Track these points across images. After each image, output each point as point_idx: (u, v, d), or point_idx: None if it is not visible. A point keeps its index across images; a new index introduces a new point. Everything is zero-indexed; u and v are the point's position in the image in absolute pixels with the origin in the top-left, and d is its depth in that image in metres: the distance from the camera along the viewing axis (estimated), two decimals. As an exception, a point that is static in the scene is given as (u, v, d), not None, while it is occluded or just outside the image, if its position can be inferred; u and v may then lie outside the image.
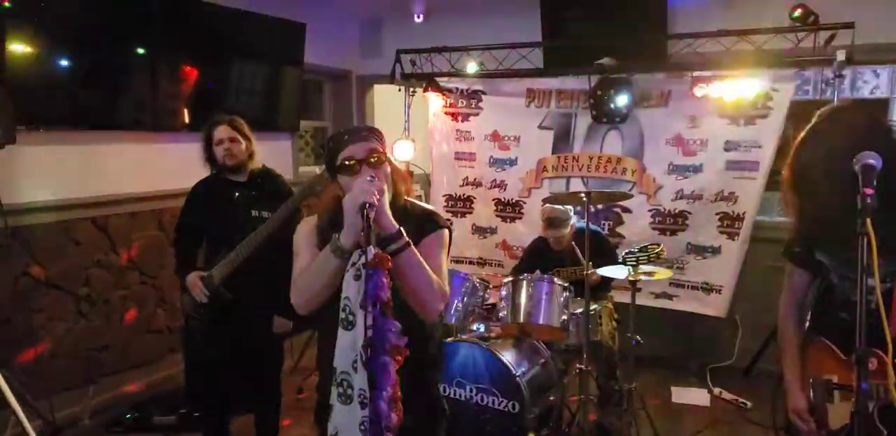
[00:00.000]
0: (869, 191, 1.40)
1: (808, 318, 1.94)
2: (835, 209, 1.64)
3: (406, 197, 1.84)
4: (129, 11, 3.75)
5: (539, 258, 3.84)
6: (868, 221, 1.36)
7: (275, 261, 2.71)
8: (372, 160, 1.68)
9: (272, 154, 5.18)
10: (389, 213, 1.59)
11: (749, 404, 3.94)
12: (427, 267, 1.64)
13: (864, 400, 1.38)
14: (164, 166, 4.11)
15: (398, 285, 1.59)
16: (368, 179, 1.59)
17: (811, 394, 1.81)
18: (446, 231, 1.82)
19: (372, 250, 1.46)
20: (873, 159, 1.45)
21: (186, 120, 4.24)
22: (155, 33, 3.89)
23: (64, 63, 3.46)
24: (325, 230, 1.74)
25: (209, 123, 2.96)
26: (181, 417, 3.62)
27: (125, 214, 3.97)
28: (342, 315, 1.51)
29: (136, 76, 3.88)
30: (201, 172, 3.08)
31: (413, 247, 1.62)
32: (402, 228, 1.60)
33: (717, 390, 4.14)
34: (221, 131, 2.91)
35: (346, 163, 1.68)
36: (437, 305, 1.70)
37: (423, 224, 1.78)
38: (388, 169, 1.74)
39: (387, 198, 1.61)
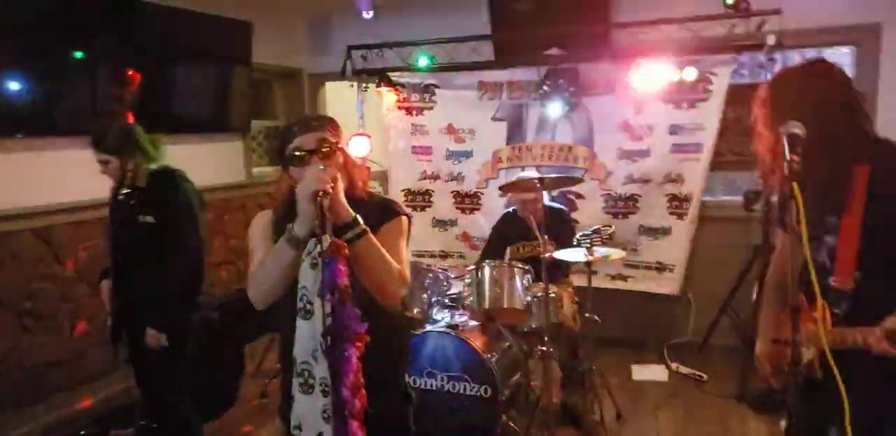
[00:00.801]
0: (795, 157, 1.49)
1: None
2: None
3: (363, 187, 1.83)
4: (66, 13, 3.62)
5: (507, 232, 3.91)
6: (795, 185, 1.44)
7: (150, 272, 2.72)
8: (323, 150, 1.67)
9: (223, 156, 5.17)
10: (344, 200, 1.60)
11: (705, 376, 4.09)
12: (386, 254, 1.65)
13: (799, 349, 1.47)
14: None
15: (357, 273, 1.60)
16: (321, 167, 1.59)
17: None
18: (405, 218, 1.83)
19: (328, 238, 1.47)
20: (798, 128, 1.55)
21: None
22: (95, 36, 3.79)
23: (-4, 69, 3.35)
24: (281, 223, 1.72)
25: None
26: (140, 429, 3.55)
27: (68, 223, 3.85)
28: (300, 305, 1.53)
29: (76, 81, 3.78)
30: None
31: (370, 234, 1.62)
32: (358, 216, 1.61)
33: (674, 366, 4.28)
34: (93, 151, 2.74)
35: (296, 154, 1.67)
36: (399, 291, 1.71)
37: (381, 212, 1.78)
38: (341, 158, 1.74)
39: (341, 186, 1.61)
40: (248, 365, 4.08)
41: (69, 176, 3.83)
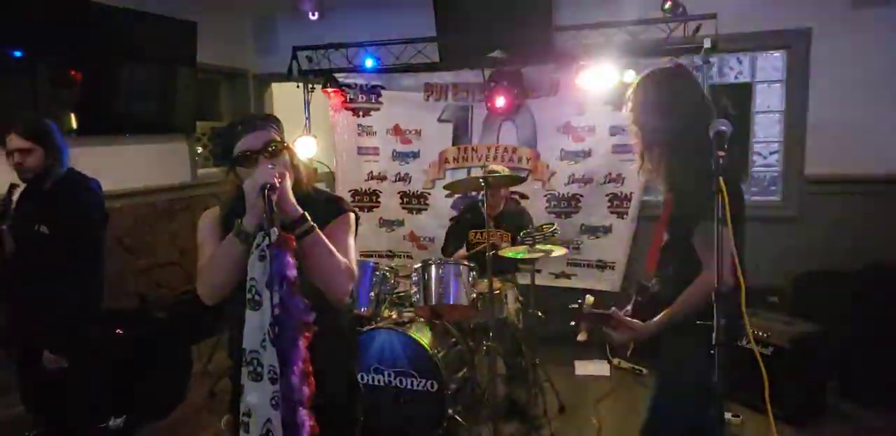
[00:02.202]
0: (721, 153, 1.60)
1: None
2: None
3: (309, 184, 1.87)
4: (6, 10, 3.54)
5: (471, 218, 4.04)
6: (721, 179, 1.56)
7: (44, 285, 2.57)
8: (270, 150, 1.71)
9: (168, 157, 5.11)
10: (292, 197, 1.64)
11: (644, 370, 4.24)
12: (334, 249, 1.70)
13: (722, 333, 1.59)
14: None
15: (306, 269, 1.64)
16: (269, 166, 1.63)
17: None
18: (352, 215, 1.88)
19: (275, 231, 1.52)
20: (724, 126, 1.66)
21: (74, 125, 4.11)
22: (35, 34, 3.72)
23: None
24: (228, 220, 1.74)
25: (2, 130, 2.65)
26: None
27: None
28: (249, 296, 1.56)
29: (14, 81, 3.69)
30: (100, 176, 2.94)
31: (318, 230, 1.67)
32: (305, 213, 1.66)
33: (615, 361, 4.42)
34: (12, 140, 2.60)
35: (245, 154, 1.71)
36: (346, 285, 1.75)
37: (328, 209, 1.83)
38: (287, 157, 1.77)
39: (288, 183, 1.66)
40: (196, 365, 4.05)
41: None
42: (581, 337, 2.24)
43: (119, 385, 3.14)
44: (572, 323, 2.17)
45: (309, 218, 1.66)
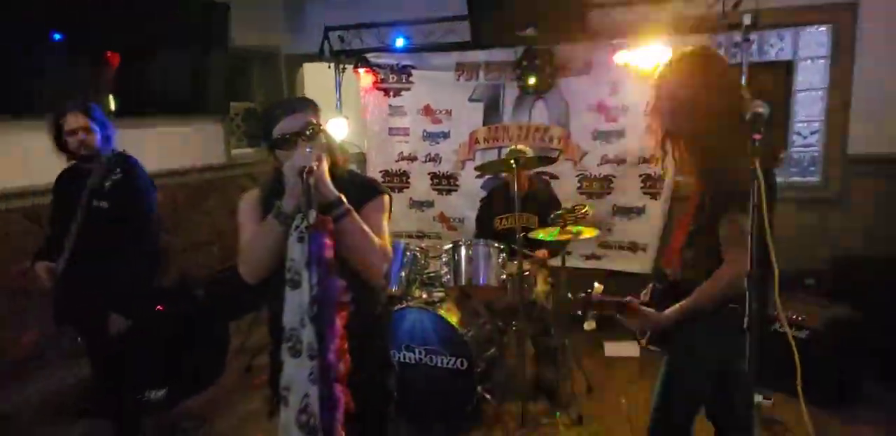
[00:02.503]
0: (757, 136, 1.57)
1: None
2: None
3: (344, 166, 1.90)
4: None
5: (496, 203, 4.00)
6: (757, 161, 1.53)
7: (108, 256, 2.68)
8: (308, 133, 1.74)
9: (202, 138, 5.18)
10: (329, 180, 1.68)
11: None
12: (369, 231, 1.74)
13: (755, 317, 1.58)
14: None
15: (342, 249, 1.68)
16: (308, 149, 1.67)
17: None
18: (386, 197, 1.92)
19: (313, 213, 1.55)
20: (761, 108, 1.63)
21: (112, 107, 4.19)
22: (73, 18, 3.79)
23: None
24: (267, 202, 1.79)
25: (58, 110, 2.74)
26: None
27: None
28: (288, 276, 1.61)
29: (56, 64, 3.77)
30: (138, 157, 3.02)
31: (354, 213, 1.71)
32: (342, 196, 1.69)
33: (644, 342, 4.40)
34: (73, 121, 2.70)
35: (284, 137, 1.74)
36: (381, 266, 1.80)
37: (363, 191, 1.87)
38: (324, 139, 1.81)
39: (325, 166, 1.69)
40: (234, 342, 4.15)
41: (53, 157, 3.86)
42: (588, 326, 2.26)
43: (160, 360, 3.25)
44: (578, 312, 2.17)
45: (345, 200, 1.69)
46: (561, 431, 3.31)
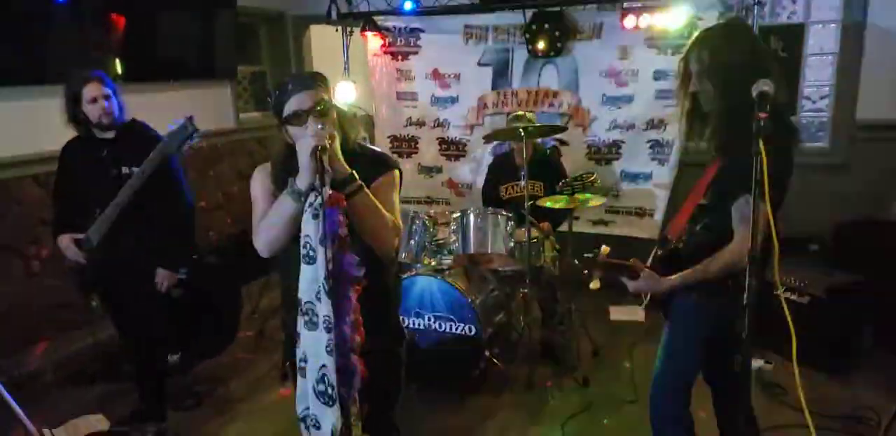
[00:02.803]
0: (763, 115, 1.58)
1: None
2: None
3: (356, 140, 1.93)
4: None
5: (501, 171, 4.06)
6: (761, 141, 1.54)
7: (152, 214, 2.79)
8: (319, 109, 1.76)
9: (211, 102, 5.16)
10: (342, 157, 1.71)
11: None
12: (380, 207, 1.78)
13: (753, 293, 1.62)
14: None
15: (354, 225, 1.72)
16: (320, 127, 1.68)
17: None
18: (397, 172, 1.95)
19: (327, 191, 1.59)
20: (767, 86, 1.63)
21: (119, 71, 4.17)
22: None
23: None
24: (280, 177, 1.83)
25: (75, 80, 2.78)
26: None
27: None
28: (303, 251, 1.65)
29: (62, 28, 3.72)
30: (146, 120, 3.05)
31: (366, 189, 1.74)
32: (354, 172, 1.72)
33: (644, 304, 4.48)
34: (94, 89, 2.75)
35: (295, 114, 1.76)
36: (392, 241, 1.85)
37: (374, 166, 1.89)
38: (335, 115, 1.83)
39: (337, 144, 1.72)
40: (245, 306, 4.25)
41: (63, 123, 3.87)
42: (593, 285, 2.33)
43: (174, 324, 3.34)
44: (585, 271, 2.22)
45: (357, 177, 1.72)
46: (567, 393, 3.41)
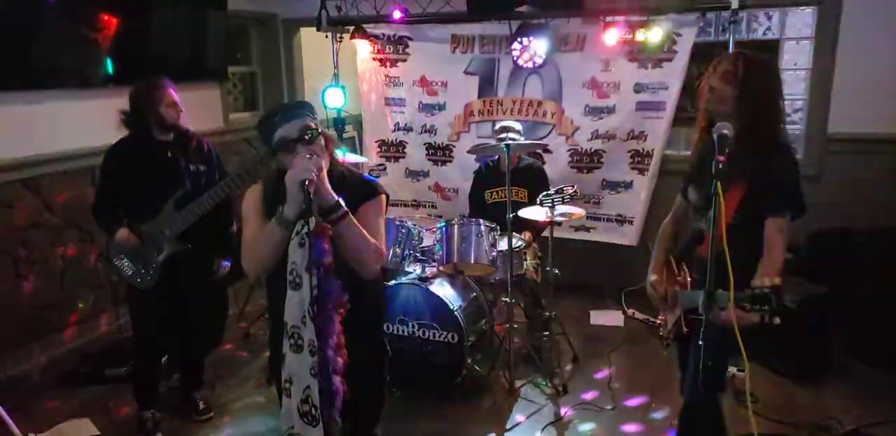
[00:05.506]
0: (721, 158, 1.67)
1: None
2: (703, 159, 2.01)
3: (343, 164, 2.01)
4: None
5: (486, 178, 4.19)
6: (719, 183, 1.64)
7: (217, 212, 3.03)
8: (306, 138, 1.85)
9: (200, 102, 5.20)
10: (329, 187, 1.79)
11: (658, 321, 4.40)
12: (364, 232, 1.87)
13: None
14: (94, 120, 3.96)
15: (339, 249, 1.81)
16: (308, 157, 1.77)
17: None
18: (383, 197, 2.04)
19: (314, 221, 1.68)
20: (727, 130, 1.73)
21: (111, 72, 4.20)
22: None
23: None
24: (270, 199, 1.92)
25: (151, 85, 2.96)
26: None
27: (56, 172, 3.98)
28: (290, 278, 1.75)
29: (56, 26, 3.75)
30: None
31: (351, 215, 1.83)
32: (340, 200, 1.81)
33: (630, 311, 4.62)
34: (171, 94, 2.98)
35: (284, 141, 1.85)
36: (375, 265, 1.95)
37: (361, 191, 1.99)
38: (323, 141, 1.92)
39: (325, 173, 1.80)
40: (232, 308, 4.32)
41: (58, 126, 3.94)
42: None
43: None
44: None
45: (343, 205, 1.81)
46: (546, 400, 3.52)
